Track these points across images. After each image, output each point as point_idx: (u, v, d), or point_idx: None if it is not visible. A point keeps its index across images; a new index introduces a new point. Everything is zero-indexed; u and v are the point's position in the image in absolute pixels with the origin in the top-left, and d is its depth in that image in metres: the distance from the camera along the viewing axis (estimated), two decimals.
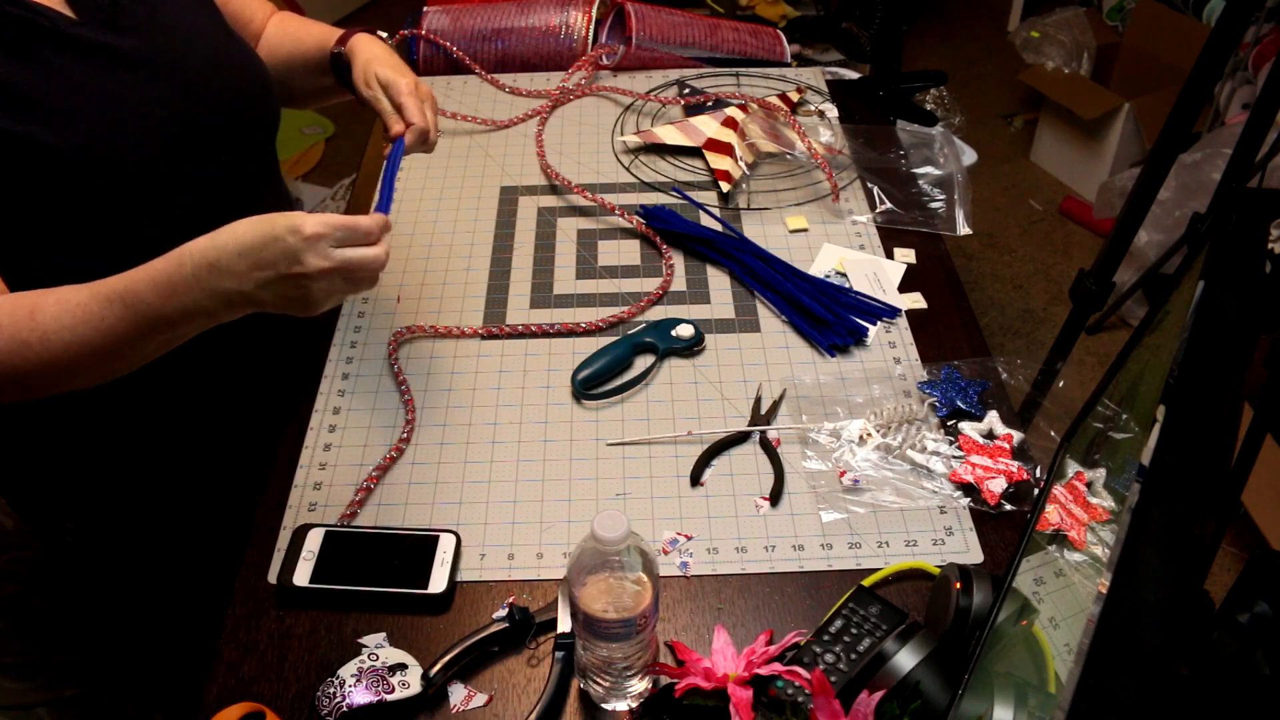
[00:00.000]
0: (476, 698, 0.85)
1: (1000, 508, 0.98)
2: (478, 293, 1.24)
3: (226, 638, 0.89)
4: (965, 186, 1.39)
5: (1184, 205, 2.25)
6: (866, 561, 0.95)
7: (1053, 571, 0.87)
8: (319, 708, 0.81)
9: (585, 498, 1.00)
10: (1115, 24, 3.07)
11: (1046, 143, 3.03)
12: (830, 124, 1.51)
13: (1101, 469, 0.95)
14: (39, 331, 0.78)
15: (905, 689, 0.78)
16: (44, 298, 0.81)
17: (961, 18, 3.78)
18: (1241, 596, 0.71)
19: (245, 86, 1.02)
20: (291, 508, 1.00)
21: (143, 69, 0.91)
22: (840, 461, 1.02)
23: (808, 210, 1.36)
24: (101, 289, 0.80)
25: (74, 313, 0.79)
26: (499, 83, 1.61)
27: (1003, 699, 0.74)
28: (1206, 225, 1.54)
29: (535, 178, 1.42)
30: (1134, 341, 0.91)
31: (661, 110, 1.56)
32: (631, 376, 1.11)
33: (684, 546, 0.96)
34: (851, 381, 1.11)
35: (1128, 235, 1.60)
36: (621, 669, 0.81)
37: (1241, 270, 0.77)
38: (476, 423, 1.08)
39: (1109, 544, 0.81)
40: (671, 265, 1.26)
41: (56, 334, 0.79)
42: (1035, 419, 1.06)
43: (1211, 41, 1.38)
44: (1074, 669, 0.57)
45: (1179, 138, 1.48)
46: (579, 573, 0.76)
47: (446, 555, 0.93)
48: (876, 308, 1.20)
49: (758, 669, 0.80)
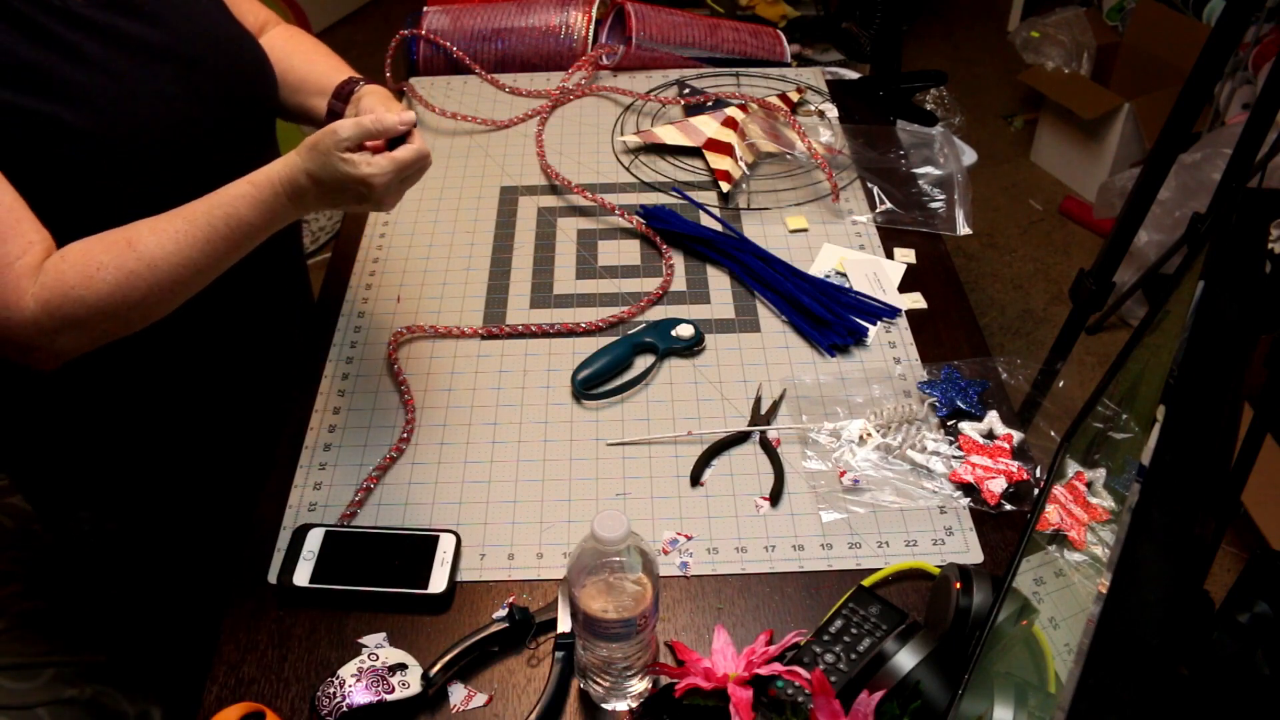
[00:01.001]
0: (476, 698, 0.85)
1: (1000, 508, 0.98)
2: (478, 293, 1.24)
3: (226, 638, 0.89)
4: (965, 186, 1.39)
5: (1184, 205, 2.25)
6: (866, 561, 0.95)
7: (1053, 571, 0.87)
8: (319, 708, 0.81)
9: (585, 498, 1.00)
10: (1115, 24, 3.07)
11: (1046, 143, 3.03)
12: (830, 124, 1.51)
13: (1101, 469, 0.95)
14: (145, 260, 0.84)
15: (905, 689, 0.78)
16: (133, 231, 0.85)
17: (961, 18, 3.78)
18: (1241, 596, 0.72)
19: (246, 65, 1.04)
20: (291, 508, 1.00)
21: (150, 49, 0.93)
22: (840, 461, 1.02)
23: (808, 210, 1.36)
24: (199, 214, 0.86)
25: (176, 239, 0.85)
26: (499, 83, 1.61)
27: (1003, 699, 0.74)
28: (1206, 225, 1.54)
29: (535, 178, 1.42)
30: (1134, 341, 0.91)
31: (661, 110, 1.56)
32: (631, 376, 1.11)
33: (684, 546, 0.96)
34: (851, 381, 1.11)
35: (1128, 235, 1.60)
36: (621, 669, 0.81)
37: (1241, 270, 0.77)
38: (476, 423, 1.08)
39: (1109, 544, 0.81)
40: (671, 265, 1.26)
41: (164, 259, 0.85)
42: (1035, 419, 1.06)
43: (1211, 41, 1.38)
44: (1074, 669, 0.57)
45: (1179, 138, 1.48)
46: (579, 573, 0.76)
47: (446, 555, 0.93)
48: (876, 308, 1.20)
49: (758, 669, 0.80)
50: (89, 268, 0.83)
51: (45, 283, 0.82)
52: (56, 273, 0.82)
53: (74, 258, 0.83)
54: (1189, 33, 2.62)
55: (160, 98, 0.92)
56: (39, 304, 0.81)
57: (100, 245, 0.84)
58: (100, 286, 0.83)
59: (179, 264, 0.85)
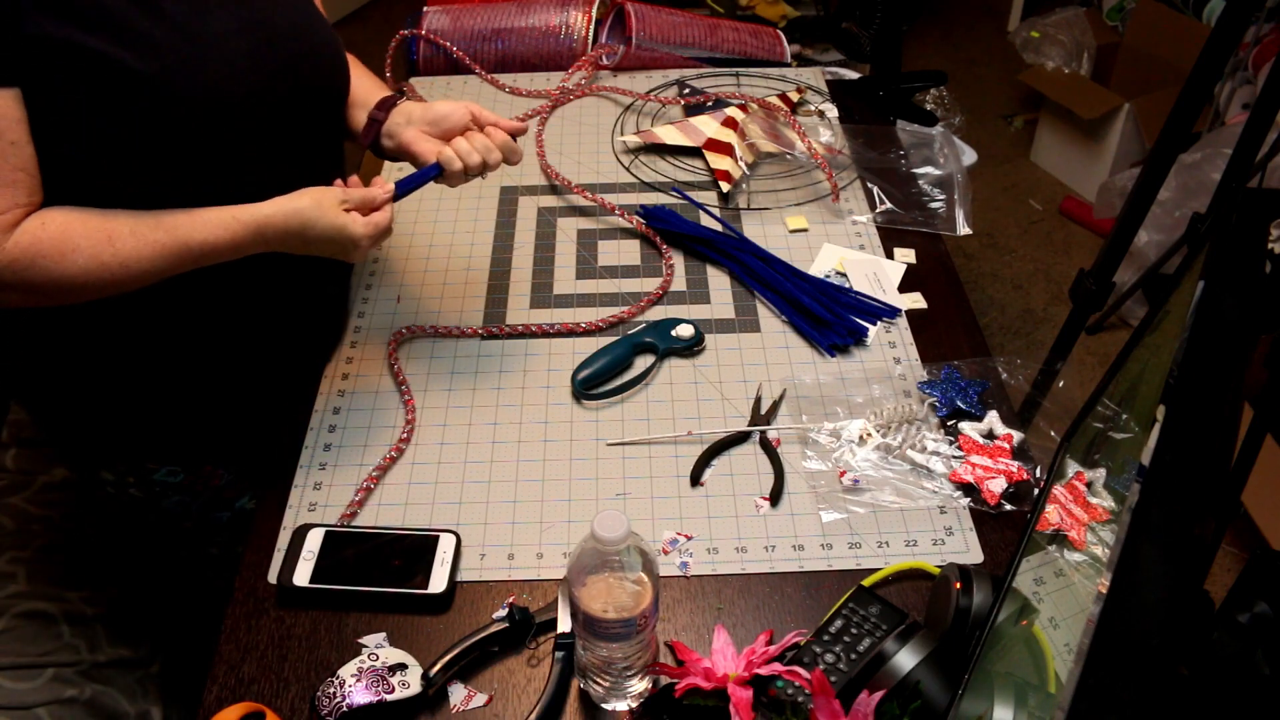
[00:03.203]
0: (476, 698, 0.85)
1: (1000, 508, 0.98)
2: (478, 293, 1.24)
3: (226, 638, 0.89)
4: (965, 186, 1.39)
5: (1184, 205, 2.25)
6: (866, 561, 0.95)
7: (1053, 571, 0.87)
8: (319, 708, 0.81)
9: (585, 498, 1.00)
10: (1115, 24, 3.07)
11: (1046, 143, 3.03)
12: (830, 124, 1.51)
13: (1101, 469, 0.95)
14: (119, 258, 0.88)
15: (905, 689, 0.78)
16: (116, 225, 0.88)
17: (961, 18, 3.77)
18: (1241, 596, 0.72)
19: (325, 58, 1.04)
20: (291, 508, 1.00)
21: (229, 18, 0.93)
22: (840, 461, 1.02)
23: (808, 210, 1.36)
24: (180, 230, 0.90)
25: (153, 248, 0.89)
26: (499, 83, 1.61)
27: (1003, 699, 0.74)
28: (1206, 225, 1.54)
29: (535, 178, 1.42)
30: (1134, 341, 0.91)
31: (661, 110, 1.56)
32: (631, 376, 1.11)
33: (684, 546, 0.96)
34: (851, 381, 1.11)
35: (1128, 235, 1.60)
36: (621, 669, 0.81)
37: (1241, 270, 0.77)
38: (476, 423, 1.08)
39: (1109, 544, 0.81)
40: (671, 265, 1.26)
41: (136, 264, 0.88)
42: (1035, 419, 1.06)
43: (1211, 41, 1.38)
44: (1074, 669, 0.57)
45: (1179, 138, 1.47)
46: (579, 573, 0.76)
47: (446, 555, 0.93)
48: (876, 308, 1.20)
49: (758, 669, 0.80)
50: (64, 246, 0.85)
51: (19, 242, 0.84)
52: (32, 238, 0.84)
53: (54, 229, 0.85)
54: (1189, 33, 2.62)
55: (230, 64, 0.92)
56: (7, 259, 0.84)
57: (81, 228, 0.87)
58: (69, 267, 0.86)
59: (148, 271, 0.89)
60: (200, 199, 0.92)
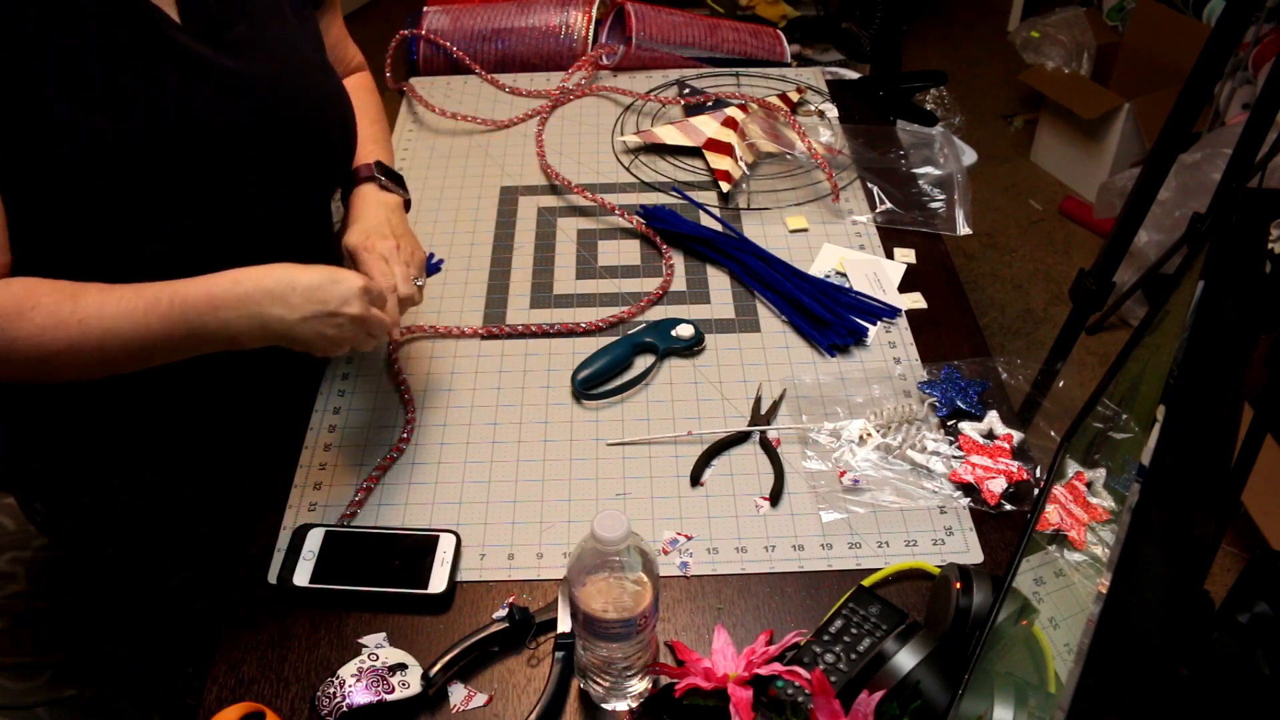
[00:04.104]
0: (476, 698, 0.85)
1: (1000, 508, 0.98)
2: (478, 293, 1.24)
3: (226, 638, 0.89)
4: (965, 186, 1.39)
5: (1184, 205, 2.24)
6: (866, 561, 0.95)
7: (1053, 571, 0.87)
8: (319, 708, 0.81)
9: (585, 498, 1.00)
10: (1115, 24, 3.07)
11: (1046, 143, 3.03)
12: (830, 124, 1.52)
13: (1101, 469, 0.95)
14: (79, 315, 0.81)
15: (905, 689, 0.78)
16: (87, 286, 0.83)
17: (961, 18, 3.77)
18: (1241, 596, 0.72)
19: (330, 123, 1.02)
20: (291, 508, 1.00)
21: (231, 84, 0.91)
22: (840, 461, 1.02)
23: (808, 210, 1.36)
24: (148, 289, 0.83)
25: (117, 304, 0.82)
26: (499, 83, 1.61)
27: (1003, 699, 0.74)
28: (1206, 225, 1.54)
29: (535, 178, 1.42)
30: (1134, 341, 0.91)
31: (661, 110, 1.56)
32: (631, 376, 1.11)
33: (684, 546, 0.96)
34: (851, 381, 1.11)
35: (1128, 235, 1.60)
36: (621, 669, 0.81)
37: (1241, 270, 0.77)
38: (476, 423, 1.08)
39: (1109, 544, 0.81)
40: (671, 265, 1.26)
41: (96, 320, 0.81)
42: (1035, 419, 1.06)
43: (1211, 41, 1.38)
44: (1074, 669, 0.57)
45: (1179, 138, 1.48)
46: (579, 573, 0.76)
47: (446, 555, 0.93)
48: (876, 308, 1.20)
49: (758, 669, 0.80)
50: (25, 303, 0.80)
51: None
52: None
53: (17, 288, 0.81)
54: (1189, 33, 2.62)
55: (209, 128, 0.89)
56: None
57: (48, 286, 0.82)
58: (26, 326, 0.80)
59: (109, 331, 0.82)
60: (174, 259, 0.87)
